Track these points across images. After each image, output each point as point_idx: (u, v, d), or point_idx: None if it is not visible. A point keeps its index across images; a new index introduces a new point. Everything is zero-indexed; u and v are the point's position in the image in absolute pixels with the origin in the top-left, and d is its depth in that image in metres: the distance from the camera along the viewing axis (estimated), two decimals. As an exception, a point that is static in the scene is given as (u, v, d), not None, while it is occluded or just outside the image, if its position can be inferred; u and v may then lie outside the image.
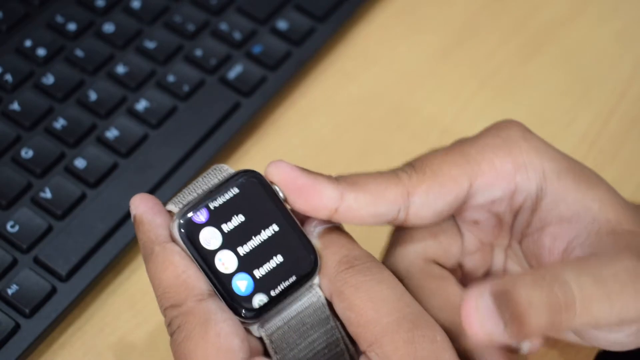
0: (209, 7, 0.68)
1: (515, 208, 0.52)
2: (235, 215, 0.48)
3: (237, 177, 0.48)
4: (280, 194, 0.48)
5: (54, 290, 0.57)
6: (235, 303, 0.47)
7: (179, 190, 0.50)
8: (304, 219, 0.49)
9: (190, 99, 0.64)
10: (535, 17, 0.72)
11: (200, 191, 0.48)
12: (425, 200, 0.50)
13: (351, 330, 0.47)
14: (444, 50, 0.70)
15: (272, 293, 0.47)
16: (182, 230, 0.47)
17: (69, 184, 0.60)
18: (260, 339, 0.47)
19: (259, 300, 0.47)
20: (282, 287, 0.47)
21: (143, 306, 0.59)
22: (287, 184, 0.48)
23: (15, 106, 0.63)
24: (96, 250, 0.59)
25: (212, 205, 0.47)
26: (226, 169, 0.49)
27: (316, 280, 0.48)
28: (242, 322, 0.47)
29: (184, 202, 0.48)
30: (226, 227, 0.47)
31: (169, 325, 0.47)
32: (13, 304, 0.56)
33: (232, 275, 0.47)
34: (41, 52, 0.65)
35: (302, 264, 0.47)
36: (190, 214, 0.47)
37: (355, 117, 0.67)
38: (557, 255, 0.51)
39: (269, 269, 0.47)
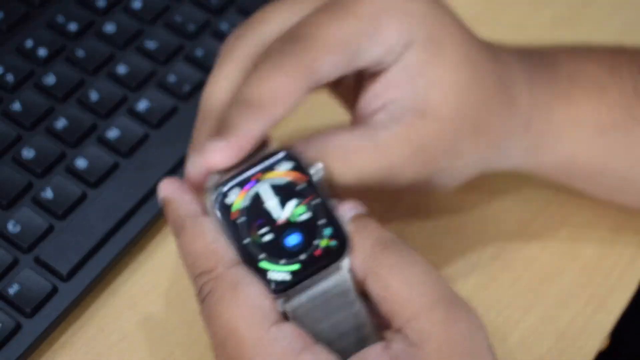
0: (209, 7, 0.68)
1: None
2: (271, 192, 0.49)
3: (273, 155, 0.49)
4: (318, 175, 0.49)
5: (54, 290, 0.57)
6: (260, 275, 0.48)
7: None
8: (336, 203, 0.50)
9: (191, 99, 0.64)
10: (535, 17, 0.72)
11: (237, 167, 0.50)
12: (328, 72, 0.52)
13: (385, 308, 0.48)
14: (444, 50, 0.69)
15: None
16: (217, 203, 0.48)
17: (70, 184, 0.60)
18: (285, 315, 0.48)
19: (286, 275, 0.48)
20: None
21: (144, 306, 0.59)
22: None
23: (16, 106, 0.62)
24: (97, 250, 0.59)
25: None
26: (264, 147, 0.50)
27: (345, 262, 0.48)
28: (272, 298, 0.48)
29: (221, 176, 0.49)
30: (261, 202, 0.49)
31: (199, 292, 0.48)
32: (14, 304, 0.56)
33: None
34: (42, 52, 0.65)
35: (331, 243, 0.48)
36: (226, 187, 0.49)
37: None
38: (366, 111, 0.54)
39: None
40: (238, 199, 0.49)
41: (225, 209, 0.49)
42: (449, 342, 0.46)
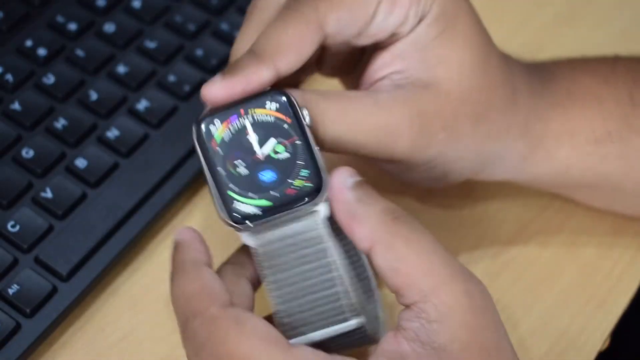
0: (209, 7, 0.68)
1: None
2: (255, 127, 0.49)
3: (267, 94, 0.50)
4: (307, 119, 0.49)
5: (54, 290, 0.57)
6: (227, 204, 0.48)
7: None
8: (333, 167, 0.50)
9: (191, 99, 0.64)
10: (535, 17, 0.72)
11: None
12: (337, 30, 0.52)
13: (397, 281, 0.47)
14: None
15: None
16: (197, 131, 0.49)
17: (70, 184, 0.60)
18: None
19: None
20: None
21: (144, 306, 0.59)
22: None
23: (16, 106, 0.63)
24: (97, 250, 0.59)
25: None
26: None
27: (321, 208, 0.48)
28: (235, 228, 0.48)
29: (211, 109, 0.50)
30: (243, 135, 0.49)
31: (193, 336, 0.47)
32: (14, 304, 0.56)
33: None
34: (42, 52, 0.65)
35: (307, 184, 0.48)
36: (208, 116, 0.49)
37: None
38: (370, 80, 0.54)
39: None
40: (220, 130, 0.49)
41: (208, 137, 0.49)
42: (471, 314, 0.46)
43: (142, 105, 0.63)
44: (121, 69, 0.65)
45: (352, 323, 0.48)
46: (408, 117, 0.52)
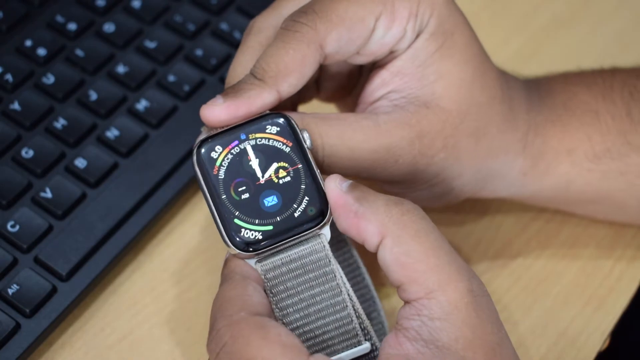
0: (209, 7, 0.68)
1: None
2: (256, 151, 0.49)
3: (265, 117, 0.50)
4: (307, 142, 0.49)
5: (54, 290, 0.57)
6: (232, 231, 0.48)
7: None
8: (324, 175, 0.50)
9: (191, 99, 0.64)
10: (535, 17, 0.72)
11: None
12: (337, 49, 0.52)
13: (404, 274, 0.47)
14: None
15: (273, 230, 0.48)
16: (198, 155, 0.49)
17: (70, 184, 0.60)
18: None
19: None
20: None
21: (143, 306, 0.59)
22: None
23: (15, 106, 0.62)
24: (96, 250, 0.59)
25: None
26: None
27: (325, 231, 0.48)
28: (238, 254, 0.48)
29: (211, 131, 0.49)
30: (245, 160, 0.49)
31: (214, 338, 0.46)
32: (13, 304, 0.56)
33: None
34: (41, 51, 0.65)
35: (311, 208, 0.48)
36: (208, 139, 0.49)
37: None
38: (369, 99, 0.54)
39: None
40: (222, 155, 0.49)
41: (210, 163, 0.49)
42: (474, 312, 0.46)
43: (141, 105, 0.63)
44: (121, 69, 0.65)
45: (366, 346, 0.48)
46: (408, 139, 0.52)
